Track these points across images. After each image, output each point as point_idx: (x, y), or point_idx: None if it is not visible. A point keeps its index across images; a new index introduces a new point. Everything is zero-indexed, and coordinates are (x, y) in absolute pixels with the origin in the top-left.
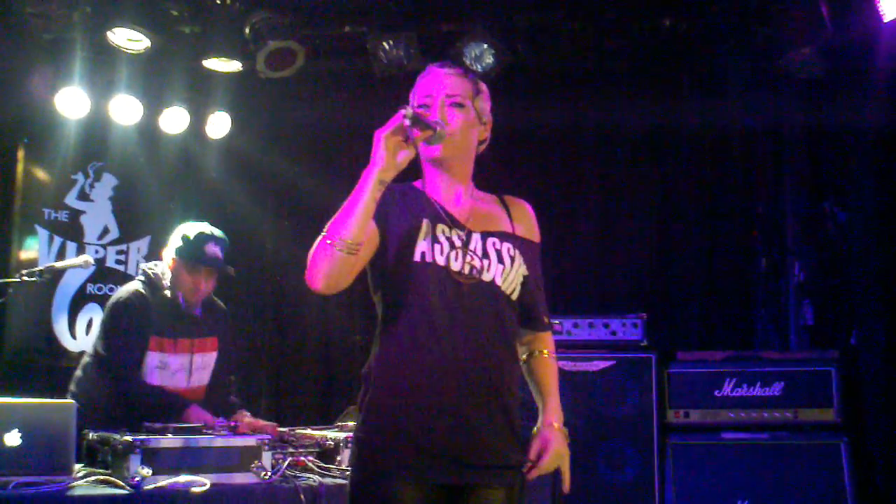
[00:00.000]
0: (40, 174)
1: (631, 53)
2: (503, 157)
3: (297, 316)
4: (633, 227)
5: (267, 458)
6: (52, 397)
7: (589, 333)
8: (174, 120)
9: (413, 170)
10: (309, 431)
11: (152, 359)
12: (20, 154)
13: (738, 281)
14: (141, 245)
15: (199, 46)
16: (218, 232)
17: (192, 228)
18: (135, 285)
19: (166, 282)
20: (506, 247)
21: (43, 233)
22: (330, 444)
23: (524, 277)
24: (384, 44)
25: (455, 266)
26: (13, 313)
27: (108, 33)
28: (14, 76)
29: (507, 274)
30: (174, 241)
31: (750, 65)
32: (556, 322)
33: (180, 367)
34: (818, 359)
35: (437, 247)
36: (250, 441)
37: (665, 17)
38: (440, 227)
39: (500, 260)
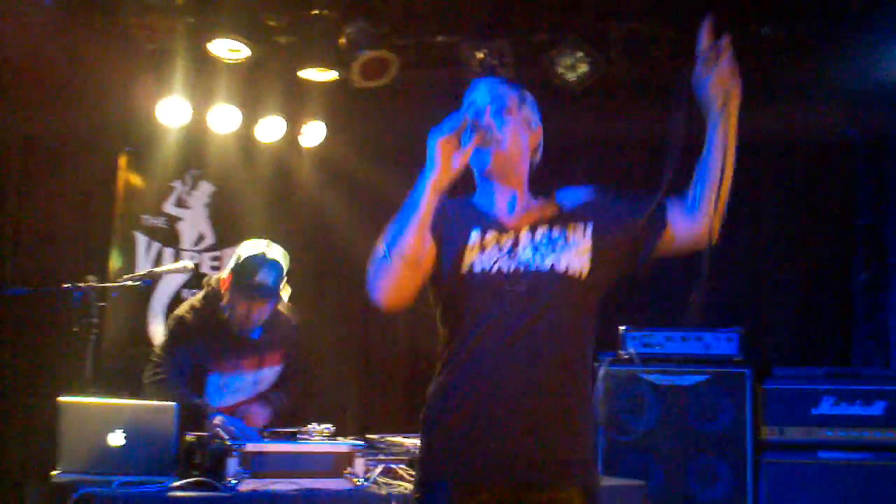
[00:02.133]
0: (140, 181)
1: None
2: (598, 165)
3: (386, 324)
4: (725, 238)
5: (359, 464)
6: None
7: (682, 347)
8: (270, 129)
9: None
10: (399, 439)
11: (212, 378)
12: (122, 161)
13: (837, 295)
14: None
15: (296, 56)
16: (275, 253)
17: (248, 249)
18: (195, 301)
19: (224, 300)
20: (556, 230)
21: (141, 238)
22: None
23: (596, 242)
24: (477, 53)
25: (505, 269)
26: (111, 316)
27: (209, 44)
28: (118, 85)
29: (565, 256)
30: (233, 258)
31: (850, 73)
32: (647, 334)
33: (246, 385)
34: None
35: (484, 255)
36: (344, 447)
37: (763, 25)
38: (489, 235)
39: (553, 247)
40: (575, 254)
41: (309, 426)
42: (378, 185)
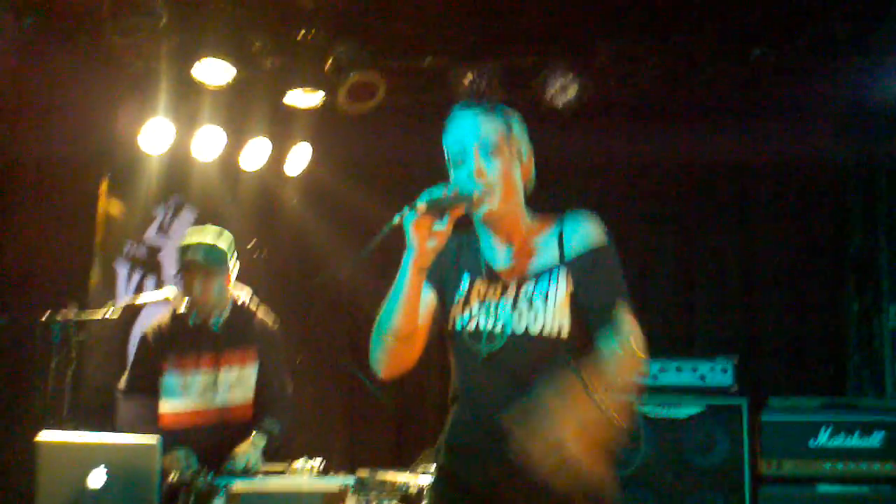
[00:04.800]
0: (122, 208)
1: (718, 84)
2: (583, 189)
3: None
4: (716, 266)
5: (351, 502)
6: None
7: (676, 377)
8: (256, 153)
9: None
10: (390, 475)
11: (169, 379)
12: (103, 187)
13: (830, 324)
14: None
15: (282, 79)
16: (206, 235)
17: (186, 236)
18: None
19: (181, 300)
20: (542, 284)
21: (122, 267)
22: (413, 490)
23: (573, 302)
24: (465, 76)
25: (483, 327)
26: (90, 349)
27: (194, 65)
28: (100, 108)
29: (541, 316)
30: None
31: (841, 97)
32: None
33: (207, 386)
34: None
35: (465, 312)
36: (333, 486)
37: (753, 47)
38: (477, 285)
39: (530, 306)
40: (553, 313)
41: (297, 462)
42: (364, 211)
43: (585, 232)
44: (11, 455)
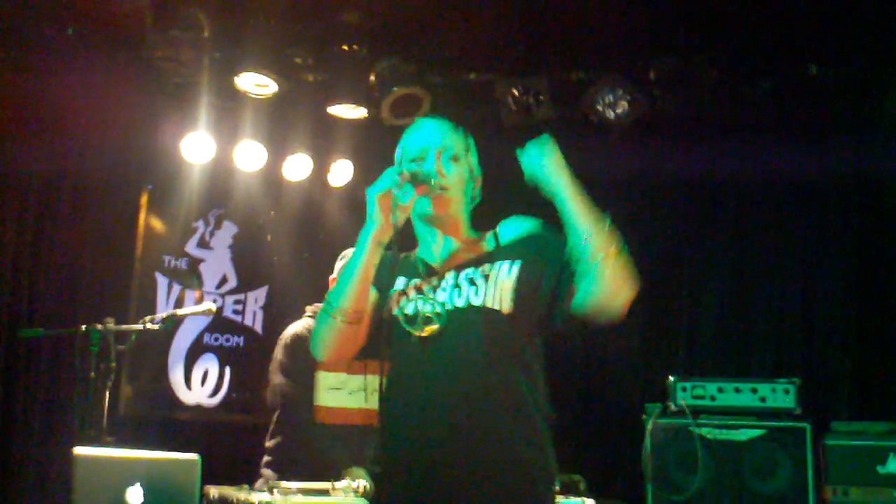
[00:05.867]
0: (162, 221)
1: (774, 101)
2: (638, 206)
3: None
4: (775, 285)
5: None
6: (166, 449)
7: (735, 399)
8: (297, 167)
9: None
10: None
11: (327, 375)
12: (143, 200)
13: (893, 348)
14: (259, 295)
15: (324, 93)
16: None
17: None
18: (303, 321)
19: None
20: (482, 269)
21: (162, 280)
22: None
23: (520, 282)
24: (513, 90)
25: (422, 310)
26: (129, 361)
27: (236, 78)
28: (142, 121)
29: (483, 291)
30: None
31: None
32: (698, 384)
33: (358, 387)
34: None
35: (402, 300)
36: None
37: (811, 63)
38: (414, 281)
39: (473, 284)
40: (495, 289)
41: (340, 482)
42: (406, 226)
43: (518, 224)
44: (52, 468)
